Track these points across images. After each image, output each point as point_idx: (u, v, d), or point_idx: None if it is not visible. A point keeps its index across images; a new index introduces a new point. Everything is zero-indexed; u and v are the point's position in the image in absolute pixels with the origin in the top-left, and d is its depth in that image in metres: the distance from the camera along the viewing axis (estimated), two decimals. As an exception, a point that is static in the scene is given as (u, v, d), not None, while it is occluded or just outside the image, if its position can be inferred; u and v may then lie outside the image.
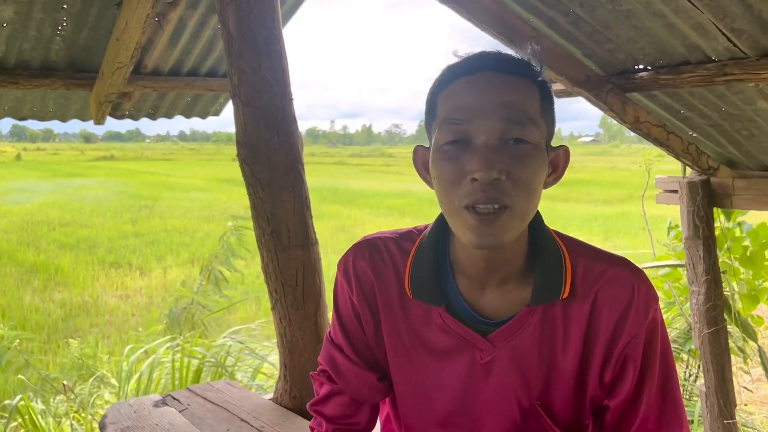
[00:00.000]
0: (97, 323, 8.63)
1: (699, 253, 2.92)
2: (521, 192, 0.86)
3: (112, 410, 2.03)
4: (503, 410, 0.99)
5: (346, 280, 1.06)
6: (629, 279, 0.95)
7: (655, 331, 0.96)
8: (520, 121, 0.86)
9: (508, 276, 0.96)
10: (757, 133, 2.54)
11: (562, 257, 0.97)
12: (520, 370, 0.97)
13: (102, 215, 17.56)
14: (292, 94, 1.98)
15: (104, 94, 2.84)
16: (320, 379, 1.15)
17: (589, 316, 0.95)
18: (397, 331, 1.03)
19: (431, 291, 0.98)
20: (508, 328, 0.96)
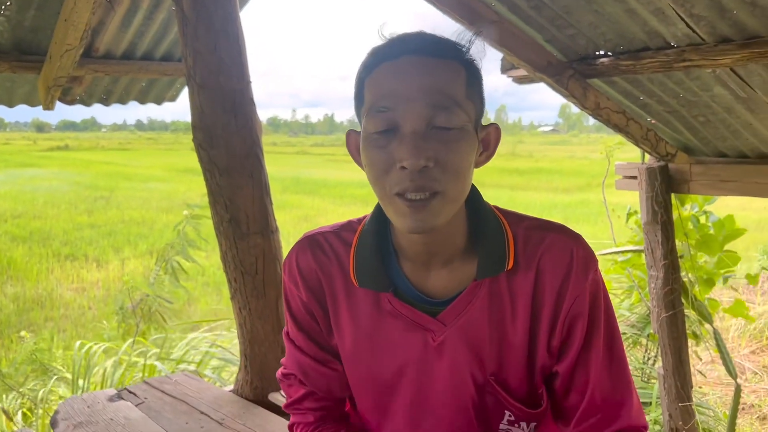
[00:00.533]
0: (53, 317, 8.39)
1: (657, 238, 2.97)
2: (451, 177, 0.86)
3: (64, 406, 1.96)
4: (459, 388, 1.00)
5: (292, 281, 1.06)
6: (568, 243, 0.97)
7: (596, 293, 0.97)
8: (445, 106, 0.85)
9: (451, 255, 0.97)
10: (713, 119, 2.58)
11: (503, 230, 0.98)
12: (472, 347, 0.97)
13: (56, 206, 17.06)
14: (251, 77, 1.92)
15: (53, 78, 2.72)
16: (289, 381, 1.13)
17: (534, 285, 0.96)
18: (347, 324, 1.02)
19: (377, 278, 0.98)
20: (456, 305, 0.96)
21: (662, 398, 3.13)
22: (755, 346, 5.51)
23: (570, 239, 0.97)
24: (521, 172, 25.30)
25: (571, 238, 0.97)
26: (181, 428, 1.82)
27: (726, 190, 2.81)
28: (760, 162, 2.72)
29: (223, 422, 1.85)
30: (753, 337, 5.63)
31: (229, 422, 1.85)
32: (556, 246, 0.96)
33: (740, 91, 2.29)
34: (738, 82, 2.23)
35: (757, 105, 2.35)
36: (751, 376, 4.91)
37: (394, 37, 0.89)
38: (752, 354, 5.40)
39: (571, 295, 0.95)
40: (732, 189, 2.79)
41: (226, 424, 1.83)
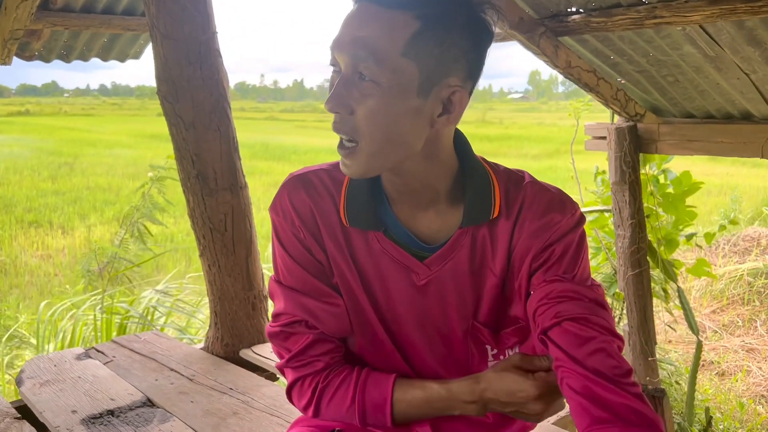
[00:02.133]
0: (17, 284, 8.23)
1: (625, 198, 3.01)
2: (364, 129, 0.88)
3: (30, 365, 1.93)
4: (446, 332, 1.03)
5: (287, 220, 1.02)
6: (545, 191, 1.01)
7: (572, 228, 1.00)
8: (364, 59, 0.86)
9: (433, 199, 0.99)
10: (682, 79, 2.60)
11: (490, 179, 1.00)
12: (456, 291, 1.00)
13: (18, 173, 16.61)
14: (216, 28, 1.86)
15: (9, 31, 2.61)
16: (291, 331, 1.03)
17: (512, 229, 0.99)
18: (342, 259, 1.03)
19: (367, 217, 0.99)
20: (443, 252, 0.99)
21: (627, 355, 3.22)
22: (716, 306, 5.67)
23: (546, 189, 1.01)
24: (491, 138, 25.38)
25: (548, 187, 1.01)
26: (150, 385, 1.80)
27: (692, 149, 2.85)
28: (726, 122, 2.76)
29: (194, 378, 1.84)
30: (714, 297, 5.80)
31: (200, 378, 1.84)
32: (534, 193, 1.00)
33: (709, 49, 2.30)
34: (707, 40, 2.24)
35: (724, 64, 2.37)
36: (711, 335, 5.06)
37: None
38: (713, 313, 5.56)
39: (545, 234, 0.98)
40: (698, 149, 2.83)
41: (197, 380, 1.82)
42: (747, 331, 5.15)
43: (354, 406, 1.01)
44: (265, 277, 2.19)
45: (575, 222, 1.00)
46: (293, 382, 1.05)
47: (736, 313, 5.45)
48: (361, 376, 1.03)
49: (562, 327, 0.91)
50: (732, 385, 4.07)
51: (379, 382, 1.02)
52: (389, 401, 1.00)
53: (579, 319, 0.92)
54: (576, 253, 1.00)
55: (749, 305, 5.55)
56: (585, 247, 1.02)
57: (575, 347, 0.89)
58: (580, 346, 0.89)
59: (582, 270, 1.00)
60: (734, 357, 4.60)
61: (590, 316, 0.92)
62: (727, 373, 4.36)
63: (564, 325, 0.91)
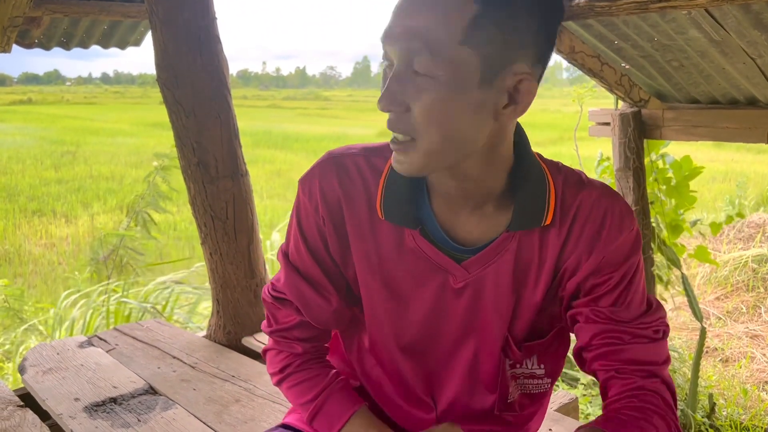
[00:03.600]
0: (22, 273, 8.26)
1: (629, 184, 2.99)
2: (421, 126, 0.80)
3: (32, 352, 1.93)
4: (473, 336, 0.96)
5: (311, 203, 0.97)
6: (603, 201, 0.91)
7: (630, 249, 0.92)
8: (418, 51, 0.78)
9: (484, 200, 0.91)
10: (687, 64, 2.57)
11: (546, 181, 0.91)
12: (493, 298, 0.93)
13: (21, 162, 16.62)
14: (216, 13, 1.84)
15: (8, 18, 2.58)
16: (281, 306, 1.04)
17: (564, 242, 0.91)
18: (368, 255, 0.96)
19: (405, 213, 0.92)
20: (484, 255, 0.91)
21: (630, 341, 3.21)
22: (720, 293, 5.66)
23: (607, 197, 0.91)
24: (494, 126, 25.22)
25: (610, 196, 0.91)
26: (153, 373, 1.80)
27: (697, 135, 2.83)
28: (731, 107, 2.74)
29: (196, 366, 1.84)
30: (718, 284, 5.78)
31: (202, 366, 1.84)
32: (591, 202, 0.91)
33: (714, 33, 2.28)
34: (713, 24, 2.21)
35: (730, 48, 2.34)
36: (715, 321, 5.06)
37: None
38: (717, 300, 5.55)
39: (598, 253, 0.90)
40: (703, 134, 2.81)
41: (199, 368, 1.83)
42: (751, 317, 5.14)
43: (309, 405, 1.03)
44: (267, 265, 2.20)
45: (633, 238, 0.92)
46: (271, 348, 1.08)
47: (741, 300, 5.44)
48: (330, 386, 1.03)
49: (627, 394, 0.90)
50: (736, 372, 4.07)
51: (342, 402, 1.01)
52: (338, 427, 1.00)
53: (634, 389, 0.90)
54: (633, 277, 0.92)
55: (753, 292, 5.54)
56: (642, 269, 0.94)
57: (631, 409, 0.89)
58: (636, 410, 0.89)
59: (639, 296, 0.93)
60: (738, 343, 4.59)
61: (645, 380, 0.90)
62: (731, 359, 4.36)
63: (627, 390, 0.91)
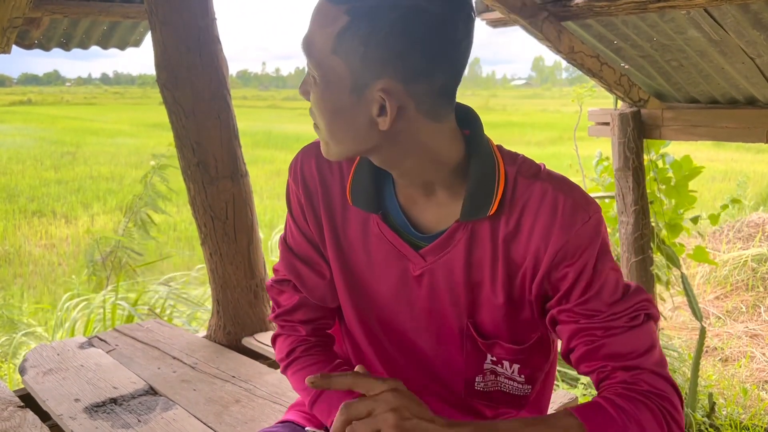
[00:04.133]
0: (21, 273, 8.25)
1: (629, 184, 2.99)
2: (316, 117, 0.90)
3: (33, 354, 1.93)
4: (438, 325, 1.00)
5: (294, 183, 1.05)
6: (554, 194, 0.90)
7: (587, 241, 0.90)
8: (307, 55, 0.87)
9: (431, 191, 0.94)
10: (686, 63, 2.57)
11: (496, 172, 0.92)
12: (450, 287, 0.96)
13: (21, 162, 16.61)
14: (215, 14, 1.84)
15: (7, 19, 2.58)
16: (282, 288, 1.11)
17: (514, 233, 0.91)
18: (338, 239, 1.03)
19: (369, 199, 0.98)
20: (438, 244, 0.95)
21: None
22: (719, 292, 5.66)
23: (558, 190, 0.90)
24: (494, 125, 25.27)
25: (560, 189, 0.90)
26: (153, 373, 1.80)
27: (697, 135, 2.83)
28: (730, 107, 2.74)
29: (196, 366, 1.84)
30: (718, 283, 5.78)
31: (203, 366, 1.84)
32: (541, 195, 0.90)
33: (713, 33, 2.28)
34: (711, 23, 2.21)
35: (729, 48, 2.34)
36: (715, 321, 5.06)
37: None
38: (716, 299, 5.55)
39: (552, 247, 0.89)
40: (703, 134, 2.81)
41: (199, 368, 1.83)
42: (751, 317, 5.15)
43: (311, 390, 1.05)
44: (267, 266, 2.20)
45: (590, 229, 0.89)
46: (278, 334, 1.13)
47: (740, 299, 5.44)
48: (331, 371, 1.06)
49: (611, 388, 0.88)
50: (735, 371, 4.07)
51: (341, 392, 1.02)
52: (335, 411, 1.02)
53: (623, 381, 0.88)
54: (597, 266, 0.89)
55: (753, 291, 5.54)
56: (608, 256, 0.92)
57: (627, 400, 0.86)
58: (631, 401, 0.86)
59: (610, 285, 0.90)
60: (738, 343, 4.59)
61: (627, 374, 0.88)
62: (731, 359, 4.36)
63: (611, 385, 0.88)
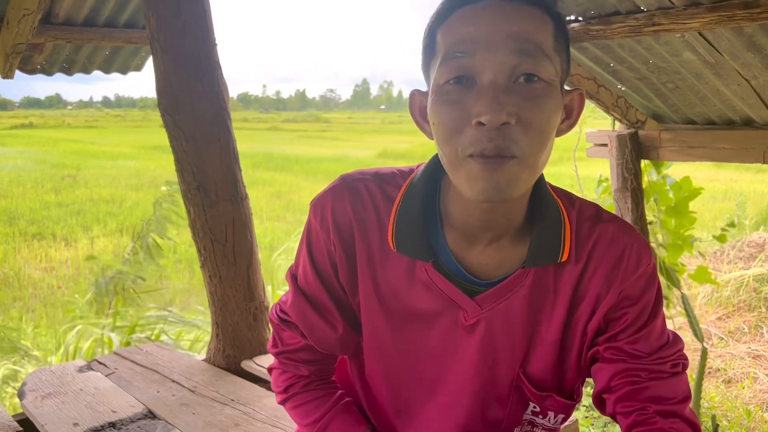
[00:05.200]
0: (21, 297, 8.24)
1: (627, 204, 3.01)
2: (533, 139, 0.74)
3: (31, 377, 1.92)
4: (484, 375, 0.92)
5: (322, 227, 0.93)
6: (620, 237, 0.88)
7: (647, 284, 0.90)
8: (533, 54, 0.74)
9: (504, 232, 0.87)
10: (682, 85, 2.60)
11: (561, 216, 0.88)
12: (506, 335, 0.89)
13: (22, 185, 16.67)
14: (216, 40, 1.87)
15: (11, 45, 2.62)
16: (287, 328, 1.02)
17: (579, 278, 0.88)
18: (376, 286, 0.92)
19: (418, 244, 0.88)
20: (498, 290, 0.88)
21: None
22: (721, 313, 5.65)
23: (624, 232, 0.88)
24: (494, 146, 25.35)
25: (626, 231, 0.88)
26: (152, 397, 1.80)
27: (694, 155, 2.85)
28: (727, 128, 2.76)
29: (196, 390, 1.84)
30: (720, 303, 5.77)
31: (202, 390, 1.84)
32: (610, 239, 0.88)
33: (708, 56, 2.31)
34: (706, 46, 2.24)
35: (724, 70, 2.37)
36: (717, 342, 5.04)
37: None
38: (718, 320, 5.53)
39: (616, 289, 0.87)
40: (700, 155, 2.83)
41: (199, 392, 1.82)
42: (753, 337, 5.13)
43: (314, 426, 1.02)
44: (267, 289, 2.20)
45: (650, 272, 0.89)
46: (276, 367, 1.07)
47: (742, 320, 5.42)
48: (335, 408, 1.02)
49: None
50: (739, 393, 4.05)
51: (346, 424, 1.01)
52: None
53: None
54: (652, 311, 0.90)
55: (755, 311, 5.52)
56: (661, 303, 0.92)
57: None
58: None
59: (658, 330, 0.91)
60: (741, 364, 4.57)
61: (665, 421, 0.87)
62: (734, 380, 4.34)
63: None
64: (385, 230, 0.90)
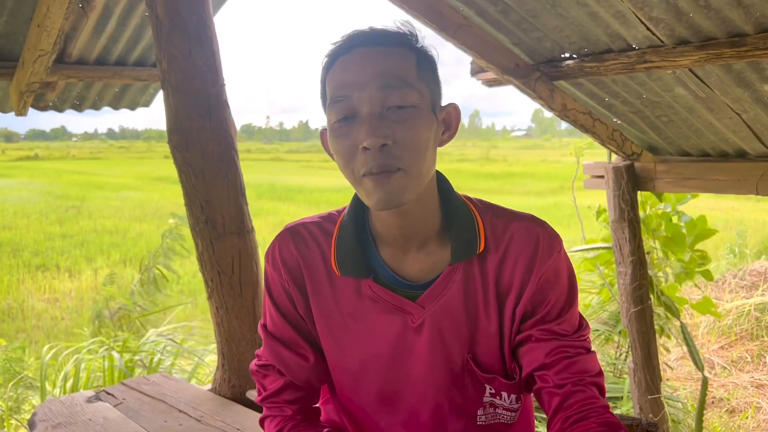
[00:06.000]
0: (24, 328, 8.25)
1: (625, 235, 3.05)
2: (410, 153, 0.91)
3: (42, 408, 1.96)
4: (439, 368, 1.04)
5: (275, 269, 1.09)
6: (533, 229, 1.03)
7: (562, 267, 1.04)
8: (396, 86, 0.91)
9: (425, 238, 1.02)
10: (676, 119, 2.66)
11: (473, 215, 1.04)
12: (450, 328, 1.03)
13: (26, 217, 16.76)
14: (225, 80, 1.95)
15: (26, 84, 2.72)
16: (266, 373, 1.14)
17: (499, 266, 1.02)
18: (329, 311, 1.06)
19: (357, 265, 1.03)
20: (434, 289, 1.02)
21: (633, 392, 3.21)
22: (724, 342, 5.64)
23: (535, 225, 1.03)
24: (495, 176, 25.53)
25: (536, 224, 1.04)
26: (159, 427, 1.83)
27: (689, 187, 2.91)
28: (721, 160, 2.82)
29: (202, 420, 1.87)
30: (722, 333, 5.77)
31: (208, 419, 1.87)
32: (523, 231, 1.02)
33: (699, 91, 2.37)
34: (697, 82, 2.31)
35: (716, 105, 2.43)
36: (720, 371, 5.03)
37: (345, 35, 0.96)
38: (721, 349, 5.53)
39: (536, 273, 1.01)
40: (695, 186, 2.89)
41: (205, 422, 1.86)
42: (756, 366, 5.12)
43: None
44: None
45: (564, 258, 1.04)
46: (265, 416, 1.16)
47: (745, 349, 5.42)
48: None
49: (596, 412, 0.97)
50: (742, 422, 4.04)
51: None
52: None
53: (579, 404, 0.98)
54: (570, 293, 1.04)
55: (757, 340, 5.52)
56: (576, 288, 1.06)
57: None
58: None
59: (576, 312, 1.05)
60: (743, 393, 4.56)
61: (593, 390, 1.00)
62: (737, 410, 4.33)
63: (594, 408, 0.97)
64: (329, 260, 1.05)
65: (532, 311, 1.02)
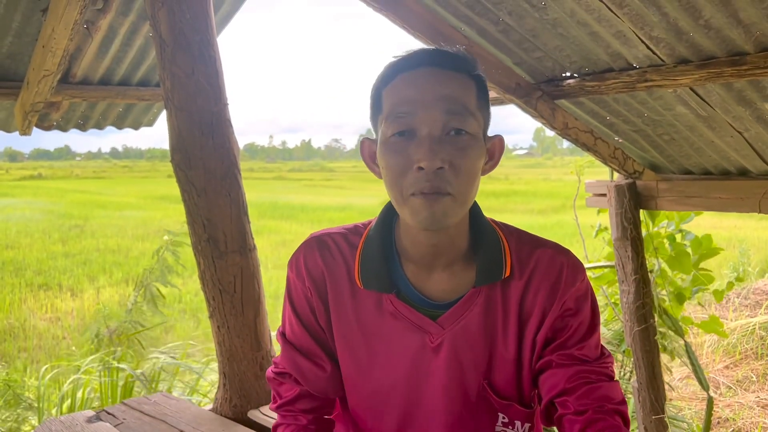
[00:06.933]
0: (26, 347, 8.22)
1: (627, 253, 3.04)
2: (462, 180, 0.92)
3: (42, 428, 1.95)
4: (453, 390, 1.04)
5: (298, 277, 1.08)
6: (557, 257, 1.03)
7: (584, 296, 1.04)
8: (460, 113, 0.92)
9: (453, 259, 1.02)
10: (677, 137, 2.67)
11: (500, 239, 1.04)
12: (468, 350, 1.02)
13: (29, 236, 16.79)
14: (228, 99, 1.96)
15: (30, 104, 2.73)
16: (283, 380, 1.14)
17: (522, 293, 1.02)
18: (348, 324, 1.06)
19: (381, 280, 1.03)
20: (456, 310, 1.02)
21: (637, 411, 3.18)
22: (729, 361, 5.60)
23: (560, 254, 1.04)
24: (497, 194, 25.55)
25: (560, 253, 1.04)
26: (160, 448, 1.82)
27: (691, 205, 2.90)
28: (723, 178, 2.82)
29: (203, 440, 1.86)
30: (727, 352, 5.73)
31: (209, 440, 1.86)
32: (547, 259, 1.03)
33: (701, 110, 2.38)
34: (698, 101, 2.32)
35: (717, 123, 2.44)
36: (726, 391, 4.99)
37: (411, 51, 0.96)
38: (726, 369, 5.49)
39: (559, 301, 1.01)
40: (697, 204, 2.88)
41: (206, 443, 1.84)
42: (762, 386, 5.08)
43: None
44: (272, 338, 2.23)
45: (586, 287, 1.04)
46: (279, 423, 1.15)
47: (750, 368, 5.38)
48: None
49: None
50: (748, 443, 4.00)
51: None
52: None
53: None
54: (592, 321, 1.03)
55: (763, 360, 5.48)
56: (598, 316, 1.05)
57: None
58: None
59: (596, 339, 1.04)
60: (750, 413, 4.52)
61: (615, 419, 0.98)
62: (743, 430, 4.29)
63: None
64: (353, 273, 1.05)
65: (553, 338, 1.02)
